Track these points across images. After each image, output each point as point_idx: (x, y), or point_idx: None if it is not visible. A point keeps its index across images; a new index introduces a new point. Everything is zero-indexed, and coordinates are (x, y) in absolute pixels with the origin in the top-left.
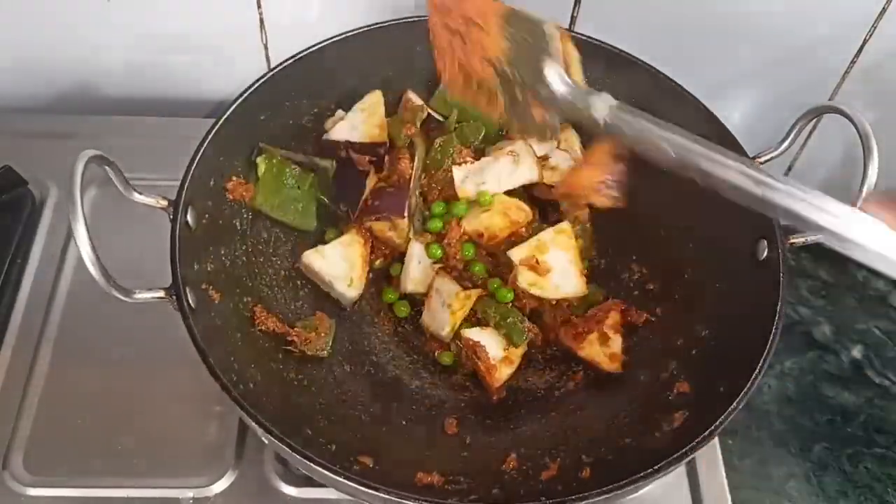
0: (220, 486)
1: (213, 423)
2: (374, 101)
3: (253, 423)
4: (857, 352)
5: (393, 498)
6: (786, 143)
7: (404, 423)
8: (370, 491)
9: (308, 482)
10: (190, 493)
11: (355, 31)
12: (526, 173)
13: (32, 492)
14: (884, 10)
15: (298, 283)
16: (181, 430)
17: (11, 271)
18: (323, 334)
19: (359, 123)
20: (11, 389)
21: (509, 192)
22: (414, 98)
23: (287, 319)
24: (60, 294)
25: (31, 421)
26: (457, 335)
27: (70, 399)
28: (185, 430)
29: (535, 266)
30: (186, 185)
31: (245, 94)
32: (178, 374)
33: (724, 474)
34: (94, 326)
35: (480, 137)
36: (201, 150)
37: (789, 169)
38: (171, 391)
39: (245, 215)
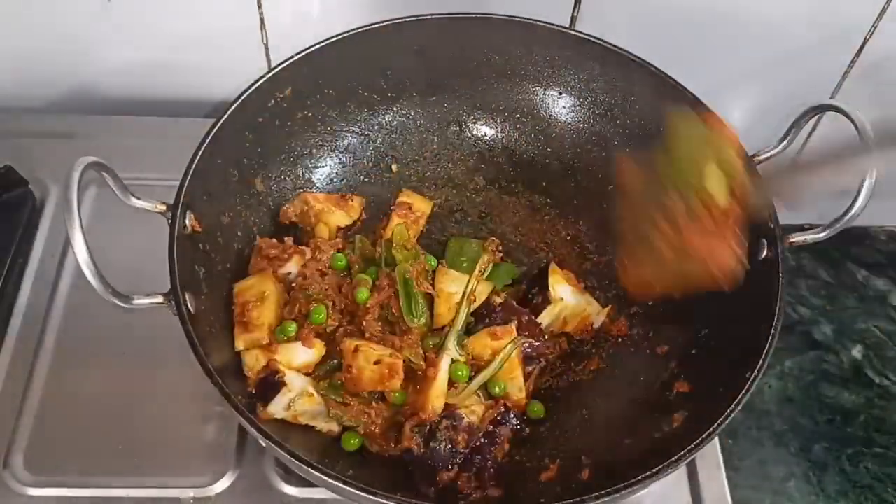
0: (221, 485)
1: (214, 422)
2: None
3: (251, 429)
4: (857, 352)
5: (391, 502)
6: (785, 142)
7: None
8: (368, 496)
9: (308, 482)
10: (190, 493)
11: (356, 31)
12: None
13: (33, 492)
14: (884, 10)
15: None
16: (181, 430)
17: (11, 271)
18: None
19: None
20: (12, 389)
21: None
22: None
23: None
24: (61, 294)
25: (31, 421)
26: None
27: (71, 399)
28: (186, 430)
29: None
30: (185, 187)
31: (245, 94)
32: (179, 373)
33: (724, 474)
34: (94, 326)
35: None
36: (201, 151)
37: None
38: (171, 391)
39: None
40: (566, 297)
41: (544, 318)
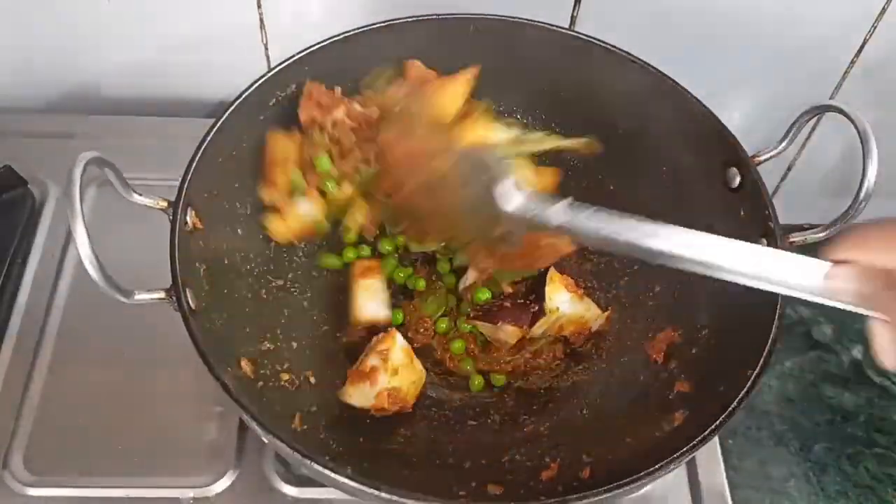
0: (221, 485)
1: (214, 423)
2: None
3: (254, 424)
4: (857, 352)
5: (395, 498)
6: (785, 142)
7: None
8: (373, 491)
9: (308, 482)
10: (190, 493)
11: (356, 31)
12: None
13: (32, 492)
14: (884, 10)
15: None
16: (181, 429)
17: (11, 271)
18: None
19: None
20: (11, 389)
21: None
22: None
23: None
24: (60, 294)
25: (31, 421)
26: None
27: (70, 399)
28: (185, 430)
29: None
30: (186, 185)
31: (245, 94)
32: (179, 373)
33: (724, 474)
34: (94, 326)
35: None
36: (201, 150)
37: (789, 169)
38: (171, 391)
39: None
40: (563, 308)
41: (540, 327)
